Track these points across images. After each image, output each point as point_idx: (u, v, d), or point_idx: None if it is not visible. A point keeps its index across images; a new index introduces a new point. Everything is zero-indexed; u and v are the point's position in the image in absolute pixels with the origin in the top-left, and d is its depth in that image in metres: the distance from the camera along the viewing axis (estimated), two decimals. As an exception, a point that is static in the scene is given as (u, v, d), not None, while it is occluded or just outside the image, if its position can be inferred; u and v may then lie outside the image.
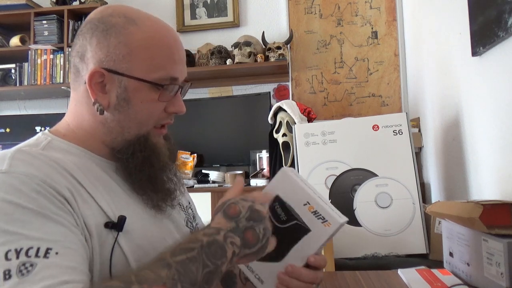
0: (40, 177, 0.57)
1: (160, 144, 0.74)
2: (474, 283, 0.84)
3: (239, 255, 0.60)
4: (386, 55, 2.65)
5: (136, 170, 0.69)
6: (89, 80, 0.67)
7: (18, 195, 0.55)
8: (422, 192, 1.80)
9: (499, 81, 1.09)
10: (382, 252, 1.34)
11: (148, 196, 0.71)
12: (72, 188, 0.61)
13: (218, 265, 0.57)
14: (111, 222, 0.62)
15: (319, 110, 2.68)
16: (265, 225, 0.62)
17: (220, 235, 0.59)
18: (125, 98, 0.68)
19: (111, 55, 0.67)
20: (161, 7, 2.94)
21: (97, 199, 0.63)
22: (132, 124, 0.69)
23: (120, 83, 0.67)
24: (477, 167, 1.30)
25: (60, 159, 0.64)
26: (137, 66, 0.67)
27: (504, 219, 0.76)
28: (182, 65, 0.73)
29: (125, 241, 0.63)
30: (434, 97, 1.80)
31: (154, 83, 0.68)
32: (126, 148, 0.69)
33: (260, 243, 0.61)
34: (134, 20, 0.68)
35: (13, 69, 2.87)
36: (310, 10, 2.75)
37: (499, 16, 1.01)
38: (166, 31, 0.71)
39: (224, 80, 2.82)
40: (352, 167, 1.46)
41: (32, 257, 0.51)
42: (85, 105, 0.70)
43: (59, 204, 0.57)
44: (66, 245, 0.54)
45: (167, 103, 0.71)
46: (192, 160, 2.59)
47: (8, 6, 2.80)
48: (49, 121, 2.90)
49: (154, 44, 0.68)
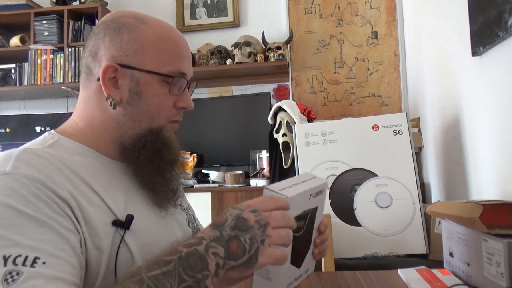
0: (41, 180, 0.58)
1: (172, 137, 0.75)
2: (474, 283, 0.84)
3: (224, 267, 0.55)
4: (386, 55, 2.65)
5: (147, 161, 0.71)
6: (102, 75, 0.69)
7: (17, 199, 0.55)
8: (422, 192, 1.80)
9: (499, 81, 1.09)
10: (382, 252, 1.34)
11: (154, 192, 0.72)
12: (75, 189, 0.61)
13: (199, 278, 0.53)
14: (118, 221, 0.64)
15: (319, 110, 2.68)
16: (252, 234, 0.55)
17: (202, 245, 0.54)
18: (137, 92, 0.70)
19: (124, 50, 0.70)
20: (161, 7, 2.94)
21: (105, 198, 0.65)
22: (143, 118, 0.71)
23: (132, 77, 0.70)
24: (477, 167, 1.30)
25: (66, 158, 0.64)
26: (149, 60, 0.70)
27: (504, 219, 0.76)
28: (189, 63, 0.76)
29: (132, 239, 0.64)
30: (434, 97, 1.80)
31: (165, 75, 0.71)
32: (137, 141, 0.71)
33: (247, 254, 0.55)
34: (143, 20, 0.73)
35: (13, 69, 2.87)
36: (310, 10, 2.75)
37: (499, 16, 1.01)
38: (173, 30, 0.75)
39: (224, 80, 2.82)
40: (352, 167, 1.46)
41: (19, 265, 0.51)
42: (95, 102, 0.72)
43: (57, 208, 0.58)
44: (56, 254, 0.54)
45: (176, 98, 0.74)
46: (192, 160, 2.59)
47: (8, 6, 2.80)
48: (49, 121, 2.90)
49: (164, 41, 0.72)
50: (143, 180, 0.72)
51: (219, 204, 2.31)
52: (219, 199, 2.33)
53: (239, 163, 2.67)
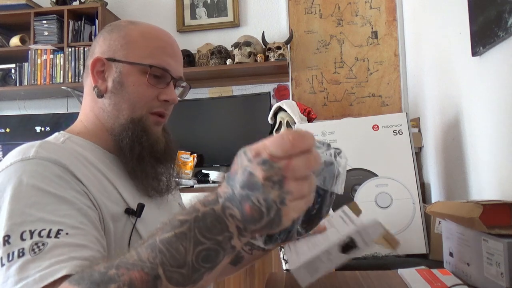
0: (62, 163, 0.64)
1: (154, 129, 0.79)
2: (474, 283, 0.84)
3: (247, 229, 0.46)
4: (386, 55, 2.65)
5: (128, 149, 0.75)
6: (91, 67, 0.77)
7: (41, 179, 0.61)
8: (422, 192, 1.80)
9: (499, 81, 1.09)
10: (382, 252, 1.34)
11: (137, 180, 0.76)
12: (93, 177, 0.67)
13: (220, 241, 0.46)
14: (130, 209, 0.70)
15: (319, 110, 2.67)
16: (265, 195, 0.43)
17: (219, 204, 0.47)
18: (120, 81, 0.76)
19: (112, 46, 0.78)
20: (161, 7, 2.94)
21: (119, 188, 0.71)
22: (125, 106, 0.76)
23: (116, 68, 0.77)
24: (477, 167, 1.29)
25: (79, 152, 0.70)
26: (132, 53, 0.77)
27: (504, 219, 0.76)
28: (175, 61, 0.80)
29: (143, 227, 0.70)
30: (434, 97, 1.80)
31: (142, 64, 0.76)
32: (121, 130, 0.76)
33: (266, 217, 0.44)
34: (135, 22, 0.81)
35: (13, 69, 2.87)
36: (310, 10, 2.75)
37: (499, 16, 1.01)
38: (162, 31, 0.81)
39: (224, 80, 2.82)
40: (352, 167, 1.46)
41: (44, 237, 0.55)
42: (90, 95, 0.80)
43: (77, 188, 0.63)
44: (77, 226, 0.58)
45: (160, 91, 0.78)
46: (192, 160, 2.59)
47: (8, 6, 2.80)
48: (49, 121, 2.89)
49: (149, 38, 0.78)
50: (126, 168, 0.76)
51: (219, 204, 2.31)
52: (219, 199, 2.32)
53: (239, 163, 2.66)
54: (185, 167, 2.57)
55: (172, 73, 0.79)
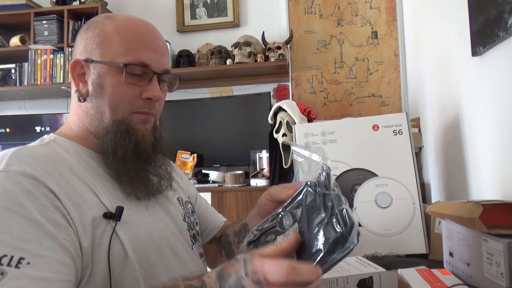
0: (33, 174, 0.60)
1: (140, 128, 0.74)
2: (474, 283, 0.83)
3: None
4: (386, 55, 2.65)
5: (110, 153, 0.72)
6: (71, 71, 0.74)
7: (7, 197, 0.57)
8: (422, 192, 1.80)
9: (499, 81, 1.09)
10: (382, 252, 1.34)
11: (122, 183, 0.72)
12: (66, 184, 0.63)
13: None
14: (109, 213, 0.65)
15: (319, 110, 2.68)
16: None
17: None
18: (99, 84, 0.72)
19: (88, 47, 0.73)
20: (161, 7, 2.94)
21: (97, 192, 0.67)
22: (106, 108, 0.72)
23: (94, 70, 0.73)
24: (477, 167, 1.29)
25: (61, 155, 0.67)
26: (107, 52, 0.72)
27: (504, 219, 0.76)
28: (156, 54, 0.74)
29: (123, 231, 0.66)
30: (434, 97, 1.80)
31: (116, 63, 0.71)
32: (104, 134, 0.72)
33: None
34: (111, 17, 0.75)
35: (13, 69, 2.87)
36: (310, 10, 2.75)
37: (499, 16, 1.01)
38: (140, 22, 0.75)
39: (224, 80, 2.82)
40: (352, 167, 1.45)
41: (5, 265, 0.52)
42: (74, 99, 0.76)
43: (47, 203, 0.59)
44: (41, 253, 0.55)
45: (142, 89, 0.73)
46: (192, 160, 2.59)
47: (8, 6, 2.80)
48: (49, 121, 2.90)
49: (124, 33, 0.73)
50: (110, 171, 0.72)
51: (219, 204, 2.31)
52: (219, 199, 2.33)
53: (239, 163, 2.67)
54: (185, 167, 2.57)
55: (153, 68, 0.73)
